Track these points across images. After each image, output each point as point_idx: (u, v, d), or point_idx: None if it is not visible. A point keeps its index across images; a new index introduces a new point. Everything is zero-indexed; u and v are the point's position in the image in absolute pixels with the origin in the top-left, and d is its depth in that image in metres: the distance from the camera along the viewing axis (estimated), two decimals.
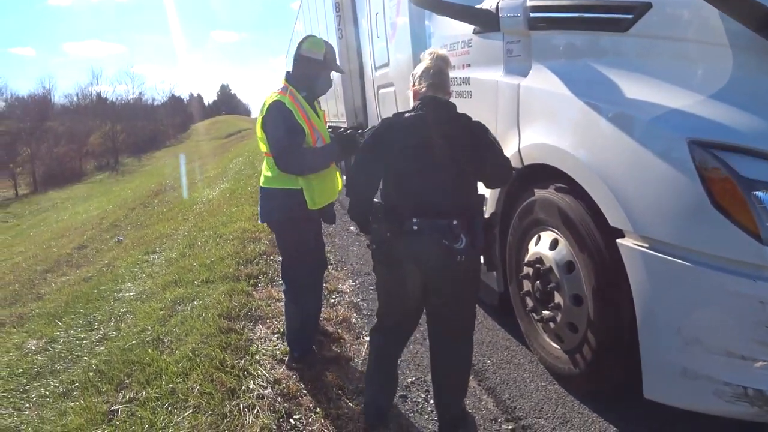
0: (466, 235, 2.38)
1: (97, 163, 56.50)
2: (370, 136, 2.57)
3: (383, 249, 2.49)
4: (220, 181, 16.04)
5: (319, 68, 3.34)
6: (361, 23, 7.48)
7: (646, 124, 2.34)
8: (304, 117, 3.22)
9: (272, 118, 3.16)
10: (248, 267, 5.82)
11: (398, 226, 2.41)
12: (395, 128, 2.51)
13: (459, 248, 2.36)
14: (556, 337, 3.13)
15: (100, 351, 4.48)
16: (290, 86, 3.29)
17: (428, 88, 2.55)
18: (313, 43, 3.35)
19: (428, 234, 2.37)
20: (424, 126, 2.45)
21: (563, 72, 2.91)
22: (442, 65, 2.60)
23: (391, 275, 2.58)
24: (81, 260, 10.00)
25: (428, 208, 2.39)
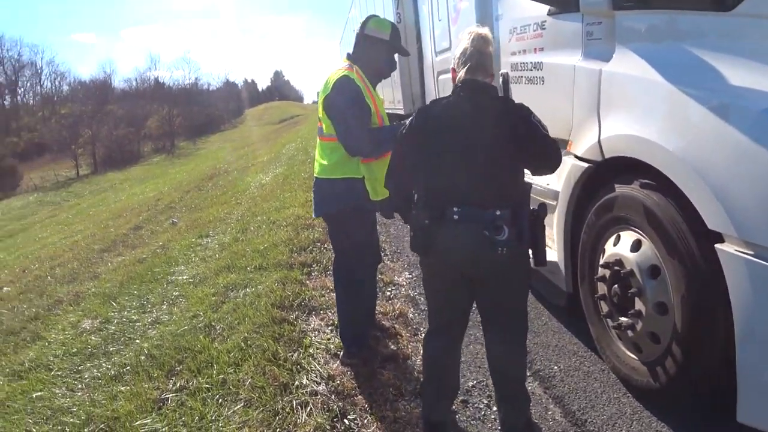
0: (509, 227, 2.23)
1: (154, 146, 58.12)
2: (407, 124, 2.45)
3: (421, 237, 2.36)
4: (273, 166, 16.09)
5: (383, 49, 3.17)
6: (421, 6, 7.25)
7: (757, 114, 2.05)
8: (370, 95, 3.06)
9: (339, 95, 3.00)
10: (302, 255, 5.73)
11: (438, 214, 2.28)
12: (432, 115, 2.40)
13: (501, 240, 2.21)
14: (633, 347, 2.88)
15: (152, 335, 4.46)
16: (355, 65, 3.12)
17: (466, 70, 2.38)
18: (379, 23, 3.18)
19: (468, 224, 2.24)
20: (461, 112, 2.32)
21: (653, 56, 2.62)
22: (482, 45, 2.41)
23: (431, 266, 2.49)
24: (136, 241, 10.15)
25: (470, 197, 2.27)
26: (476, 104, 2.32)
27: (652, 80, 2.55)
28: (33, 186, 43.09)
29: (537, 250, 2.39)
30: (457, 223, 2.24)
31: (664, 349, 2.64)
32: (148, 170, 40.35)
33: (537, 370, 3.31)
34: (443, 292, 2.52)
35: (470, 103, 2.32)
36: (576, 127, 3.19)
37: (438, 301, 2.58)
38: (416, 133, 2.39)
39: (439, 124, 2.34)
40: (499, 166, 2.29)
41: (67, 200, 31.75)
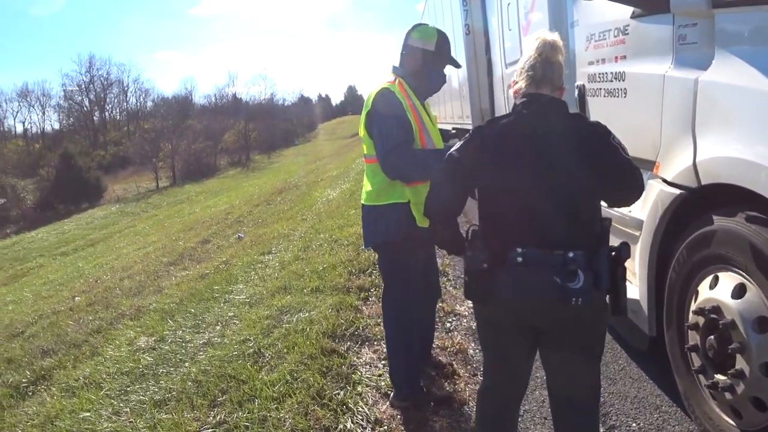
0: (585, 272, 1.84)
1: (230, 159, 59.96)
2: (458, 146, 2.10)
3: (478, 284, 1.99)
4: (341, 181, 16.08)
5: (430, 60, 2.87)
6: (490, 17, 6.93)
7: None
8: (413, 111, 2.76)
9: (379, 110, 2.74)
10: (360, 278, 5.50)
11: (498, 256, 1.92)
12: (489, 137, 2.04)
13: (575, 288, 1.83)
14: (731, 411, 2.40)
15: (201, 358, 4.32)
16: (398, 78, 2.84)
17: (529, 83, 2.02)
18: (424, 32, 2.90)
19: (535, 269, 1.88)
20: (525, 133, 1.96)
21: (764, 63, 2.17)
22: (550, 53, 2.03)
23: (489, 317, 2.12)
24: (202, 255, 10.25)
25: (537, 236, 1.90)
26: (543, 124, 1.97)
27: (764, 91, 2.11)
28: (116, 197, 45.28)
29: (617, 298, 1.99)
30: (521, 267, 1.89)
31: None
32: (223, 183, 41.58)
33: (612, 426, 2.88)
34: (502, 347, 2.16)
35: (536, 123, 1.97)
36: (665, 146, 2.75)
37: (496, 356, 2.22)
38: (470, 158, 2.05)
39: (498, 148, 1.99)
40: (572, 197, 1.93)
41: (146, 211, 33.09)
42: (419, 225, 2.79)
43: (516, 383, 2.23)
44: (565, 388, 2.13)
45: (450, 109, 9.80)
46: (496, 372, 2.24)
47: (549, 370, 2.16)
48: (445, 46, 2.92)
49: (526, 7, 4.94)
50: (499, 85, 6.83)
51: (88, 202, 43.75)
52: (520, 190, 1.94)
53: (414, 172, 2.72)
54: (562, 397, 2.15)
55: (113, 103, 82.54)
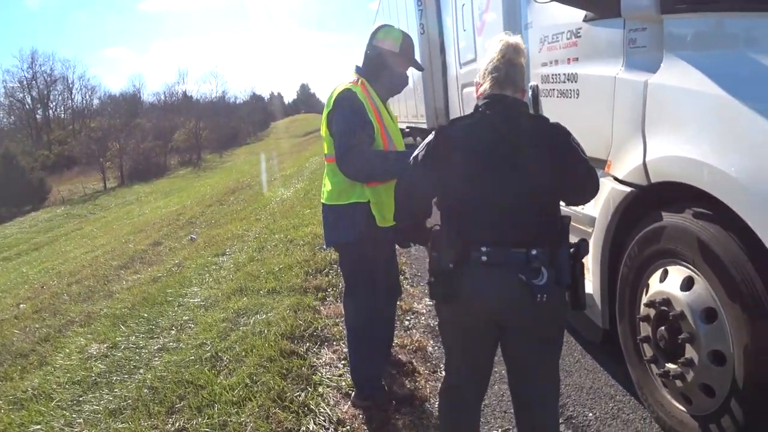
0: (548, 269, 1.90)
1: (181, 159, 58.74)
2: (422, 148, 2.10)
3: (444, 284, 2.00)
4: (296, 180, 15.96)
5: (394, 62, 2.88)
6: (445, 17, 7.00)
7: None
8: (375, 113, 2.76)
9: (340, 111, 2.73)
10: (317, 278, 5.47)
11: (463, 256, 1.94)
12: (453, 137, 2.06)
13: (539, 285, 1.88)
14: (682, 398, 2.50)
15: (156, 364, 4.21)
16: (361, 78, 2.84)
17: (493, 84, 2.05)
18: (388, 33, 2.91)
19: (500, 267, 1.91)
20: (487, 132, 1.99)
21: (714, 66, 2.26)
22: (513, 55, 2.08)
23: (456, 317, 2.11)
24: (154, 257, 10.00)
25: (500, 235, 1.93)
26: (506, 124, 2.00)
27: (714, 94, 2.19)
28: (61, 198, 43.70)
29: (577, 293, 2.05)
30: (486, 266, 1.91)
31: (719, 405, 2.27)
32: (173, 183, 40.69)
33: (569, 417, 2.96)
34: (466, 346, 2.16)
35: (499, 123, 2.00)
36: (616, 146, 2.84)
37: (459, 355, 2.22)
38: (434, 159, 2.06)
39: (461, 148, 2.01)
40: (534, 196, 1.97)
41: (93, 213, 32.09)
42: (380, 225, 2.80)
43: (479, 381, 2.26)
44: (528, 382, 2.16)
45: (404, 108, 9.85)
46: (459, 371, 2.24)
47: (512, 365, 2.19)
48: (409, 48, 2.94)
49: (481, 8, 5.00)
50: (453, 84, 6.90)
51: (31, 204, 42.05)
52: (484, 190, 1.96)
53: (371, 172, 2.72)
54: (524, 391, 2.18)
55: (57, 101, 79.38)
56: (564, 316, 2.15)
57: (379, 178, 2.74)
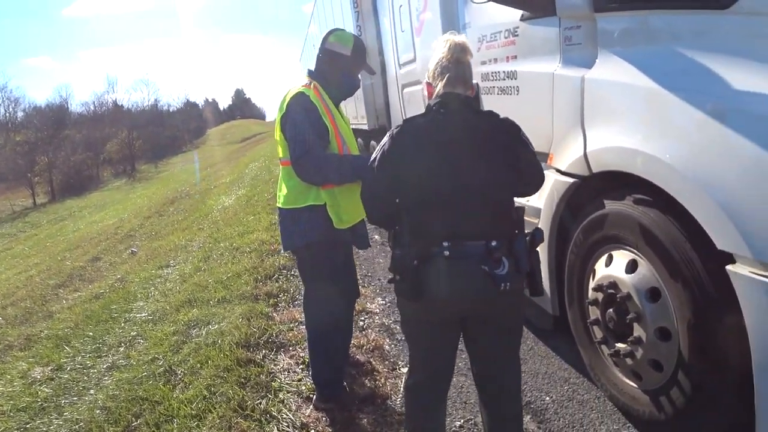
0: (508, 258, 1.97)
1: (114, 171, 56.61)
2: (379, 151, 2.14)
3: (409, 281, 2.02)
4: (236, 187, 15.68)
5: (345, 65, 2.90)
6: (382, 19, 7.05)
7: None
8: (329, 115, 2.78)
9: (294, 114, 2.73)
10: (267, 284, 5.42)
11: (425, 251, 1.98)
12: (408, 136, 2.08)
13: (502, 275, 1.95)
14: (632, 374, 2.64)
15: (107, 383, 4.08)
16: (314, 82, 2.85)
17: (445, 83, 2.10)
18: (340, 36, 2.92)
19: (463, 260, 1.96)
20: (443, 130, 2.05)
21: (643, 60, 2.40)
22: (460, 54, 2.14)
23: (421, 312, 2.12)
24: (94, 274, 9.67)
25: (460, 229, 1.98)
26: (460, 121, 2.06)
27: (645, 87, 2.33)
28: None
29: (535, 281, 2.12)
30: (449, 260, 1.96)
31: (668, 378, 2.41)
32: (108, 196, 39.17)
33: (528, 402, 3.05)
34: (431, 341, 2.20)
35: (454, 121, 2.05)
36: (557, 139, 2.96)
37: (426, 349, 2.25)
38: (393, 158, 2.09)
39: (418, 147, 2.05)
40: (491, 190, 2.03)
41: (23, 231, 30.46)
42: (337, 227, 2.81)
43: (444, 375, 2.30)
44: (493, 371, 2.23)
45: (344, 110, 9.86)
46: (425, 367, 2.27)
47: (476, 356, 2.25)
48: (360, 51, 2.96)
49: (419, 9, 5.08)
50: (393, 85, 6.96)
51: None
52: (442, 186, 2.01)
53: (326, 175, 2.73)
54: (490, 380, 2.24)
55: None
56: (524, 303, 2.22)
57: (334, 181, 2.75)
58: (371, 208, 2.26)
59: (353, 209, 2.89)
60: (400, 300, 2.18)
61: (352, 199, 2.85)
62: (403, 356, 3.73)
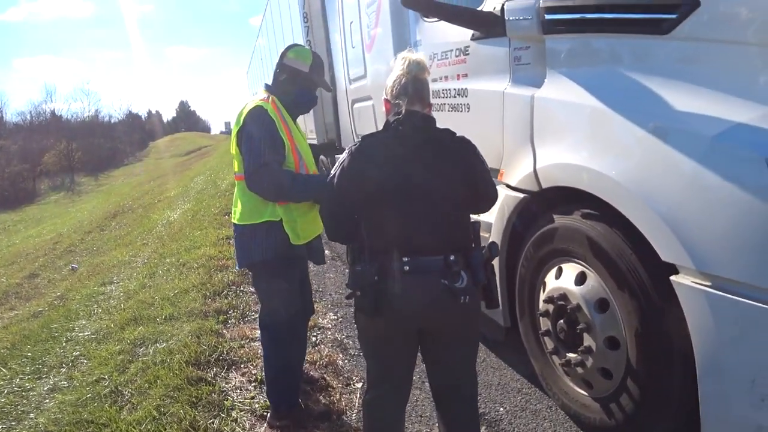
0: (465, 272, 2.02)
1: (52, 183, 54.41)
2: (338, 168, 2.15)
3: (371, 296, 2.03)
4: (181, 201, 15.34)
5: (303, 81, 2.91)
6: (333, 34, 7.07)
7: (709, 140, 1.95)
8: (286, 130, 2.77)
9: (250, 127, 2.70)
10: (216, 300, 5.29)
11: (385, 267, 2.01)
12: (367, 153, 2.11)
13: (461, 288, 2.00)
14: (583, 383, 2.72)
15: (49, 406, 3.90)
16: (272, 96, 2.84)
17: (402, 100, 2.14)
18: (299, 52, 2.93)
19: (423, 274, 2.00)
20: (401, 147, 2.07)
21: (589, 81, 2.51)
22: (418, 71, 2.18)
23: (381, 327, 2.13)
24: (32, 291, 9.25)
25: (418, 244, 2.02)
26: (419, 139, 2.09)
27: (591, 106, 2.44)
28: None
29: (491, 293, 2.17)
30: (408, 275, 1.99)
31: (617, 385, 2.51)
32: (45, 209, 37.67)
33: (482, 414, 3.10)
34: (390, 356, 2.21)
35: (412, 138, 2.08)
36: (508, 155, 3.05)
37: (384, 363, 2.26)
38: (353, 175, 2.10)
39: (377, 162, 2.08)
40: (449, 205, 2.07)
41: None
42: (293, 243, 2.80)
43: (403, 389, 2.32)
44: (450, 382, 2.25)
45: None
46: (384, 381, 2.28)
47: (434, 368, 2.27)
48: (318, 68, 2.96)
49: (369, 26, 5.13)
50: (343, 100, 6.98)
51: None
52: (401, 202, 2.03)
53: (280, 191, 2.70)
54: (447, 392, 2.27)
55: None
56: (480, 315, 2.26)
57: (288, 197, 2.74)
58: (330, 225, 2.26)
59: (310, 225, 2.88)
60: (358, 315, 2.18)
61: (308, 215, 2.85)
62: (357, 371, 3.73)
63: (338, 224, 2.24)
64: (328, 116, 7.88)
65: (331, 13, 7.01)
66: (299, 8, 7.74)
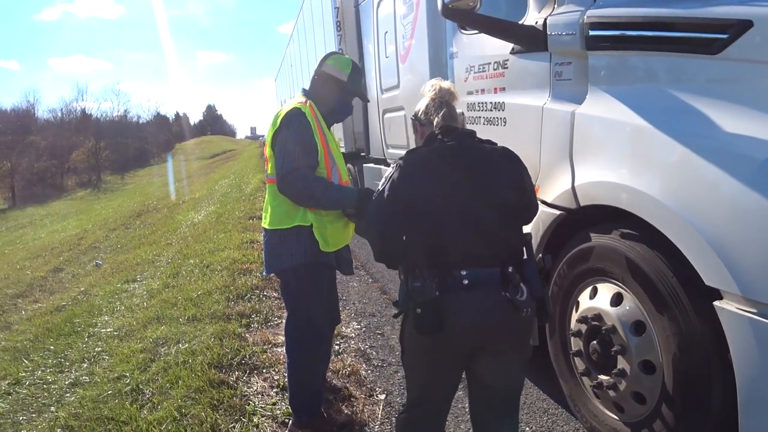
0: (523, 283, 1.96)
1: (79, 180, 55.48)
2: (386, 182, 2.10)
3: (431, 313, 1.92)
4: (206, 203, 15.47)
5: (339, 90, 2.88)
6: (366, 44, 7.10)
7: (758, 163, 1.90)
8: (321, 136, 2.75)
9: (286, 130, 2.68)
10: (239, 304, 5.31)
11: (443, 281, 1.94)
12: (417, 166, 2.08)
13: (522, 300, 1.93)
14: (614, 407, 2.65)
15: (70, 401, 3.92)
16: (309, 100, 2.83)
17: (441, 119, 2.16)
18: (338, 61, 2.91)
19: (485, 287, 1.93)
20: (448, 159, 2.06)
21: (633, 99, 2.47)
22: (449, 97, 2.23)
23: (435, 346, 2.02)
24: (56, 285, 9.36)
25: (476, 256, 1.96)
26: (468, 150, 2.07)
27: (634, 124, 2.39)
28: None
29: (546, 307, 2.08)
30: (467, 289, 1.92)
31: (651, 411, 2.43)
32: (71, 205, 38.28)
33: None
34: (439, 374, 2.12)
35: (461, 150, 2.07)
36: (544, 171, 3.00)
37: (429, 383, 2.17)
38: (404, 188, 2.05)
39: (428, 176, 2.04)
40: (503, 216, 2.03)
41: None
42: (323, 250, 2.78)
43: (445, 408, 2.25)
44: (496, 398, 2.17)
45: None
46: (425, 402, 2.20)
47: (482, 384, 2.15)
48: (356, 78, 2.94)
49: (405, 37, 5.13)
50: (374, 110, 6.99)
51: None
52: (455, 213, 1.99)
53: (311, 196, 2.68)
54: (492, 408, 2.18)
55: None
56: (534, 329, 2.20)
57: (319, 204, 2.72)
58: (379, 244, 2.18)
59: (339, 233, 2.86)
60: (409, 333, 2.09)
61: (338, 222, 2.83)
62: (381, 382, 3.70)
63: (388, 242, 2.15)
64: (357, 125, 7.90)
65: (365, 23, 7.04)
66: (332, 17, 7.80)
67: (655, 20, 2.45)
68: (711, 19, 2.22)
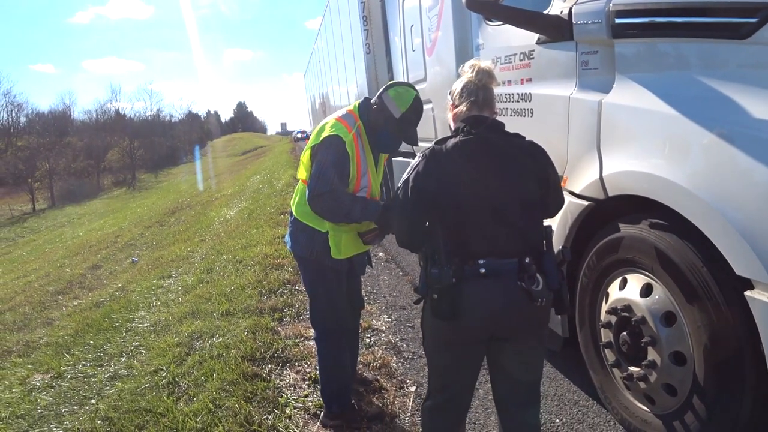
0: (540, 275, 1.99)
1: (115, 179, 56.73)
2: (412, 171, 2.14)
3: (448, 300, 1.99)
4: (238, 200, 15.68)
5: (390, 123, 2.81)
6: (393, 37, 7.10)
7: None
8: (358, 164, 2.76)
9: (324, 153, 2.71)
10: (272, 298, 5.39)
11: (461, 269, 1.98)
12: (443, 156, 2.09)
13: (537, 290, 1.96)
14: (645, 398, 2.63)
15: (109, 393, 4.04)
16: (360, 122, 2.84)
17: (472, 106, 2.15)
18: (399, 95, 2.78)
19: (501, 277, 1.97)
20: (475, 150, 2.07)
21: (661, 87, 2.43)
22: (487, 80, 2.19)
23: (453, 332, 2.09)
24: (94, 282, 9.62)
25: (495, 246, 1.99)
26: (493, 142, 2.09)
27: (663, 112, 2.35)
28: None
29: (563, 299, 2.10)
30: (485, 278, 1.96)
31: (682, 402, 2.41)
32: (108, 204, 39.23)
33: None
34: (459, 362, 2.17)
35: (487, 141, 2.08)
36: (572, 162, 2.98)
37: (450, 370, 2.22)
38: (428, 178, 2.08)
39: (453, 166, 2.06)
40: (524, 208, 2.05)
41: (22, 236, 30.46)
42: (334, 257, 2.86)
43: (467, 395, 2.29)
44: (517, 389, 2.21)
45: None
46: (449, 388, 2.24)
47: (501, 375, 2.22)
48: (411, 118, 2.82)
49: (431, 29, 5.12)
50: None
51: None
52: (477, 204, 2.02)
53: (334, 217, 2.76)
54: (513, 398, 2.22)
55: None
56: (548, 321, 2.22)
57: (340, 221, 2.78)
58: (401, 230, 2.24)
59: (353, 243, 2.92)
60: (428, 320, 2.16)
61: (353, 234, 2.89)
62: (411, 374, 3.72)
63: (410, 229, 2.20)
64: None
65: (391, 17, 7.03)
66: (359, 11, 7.81)
67: (681, 5, 2.40)
68: (740, 2, 2.17)
